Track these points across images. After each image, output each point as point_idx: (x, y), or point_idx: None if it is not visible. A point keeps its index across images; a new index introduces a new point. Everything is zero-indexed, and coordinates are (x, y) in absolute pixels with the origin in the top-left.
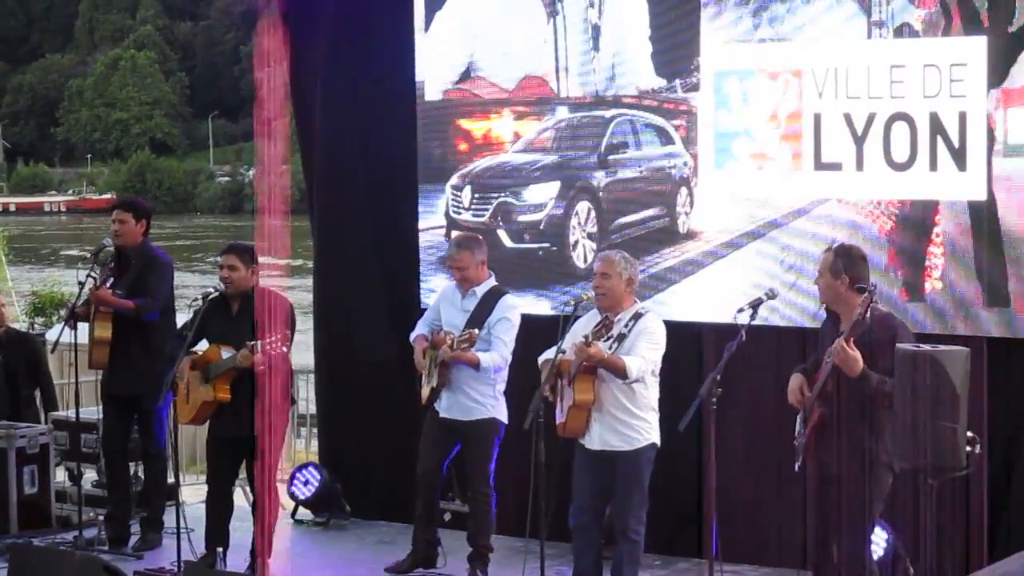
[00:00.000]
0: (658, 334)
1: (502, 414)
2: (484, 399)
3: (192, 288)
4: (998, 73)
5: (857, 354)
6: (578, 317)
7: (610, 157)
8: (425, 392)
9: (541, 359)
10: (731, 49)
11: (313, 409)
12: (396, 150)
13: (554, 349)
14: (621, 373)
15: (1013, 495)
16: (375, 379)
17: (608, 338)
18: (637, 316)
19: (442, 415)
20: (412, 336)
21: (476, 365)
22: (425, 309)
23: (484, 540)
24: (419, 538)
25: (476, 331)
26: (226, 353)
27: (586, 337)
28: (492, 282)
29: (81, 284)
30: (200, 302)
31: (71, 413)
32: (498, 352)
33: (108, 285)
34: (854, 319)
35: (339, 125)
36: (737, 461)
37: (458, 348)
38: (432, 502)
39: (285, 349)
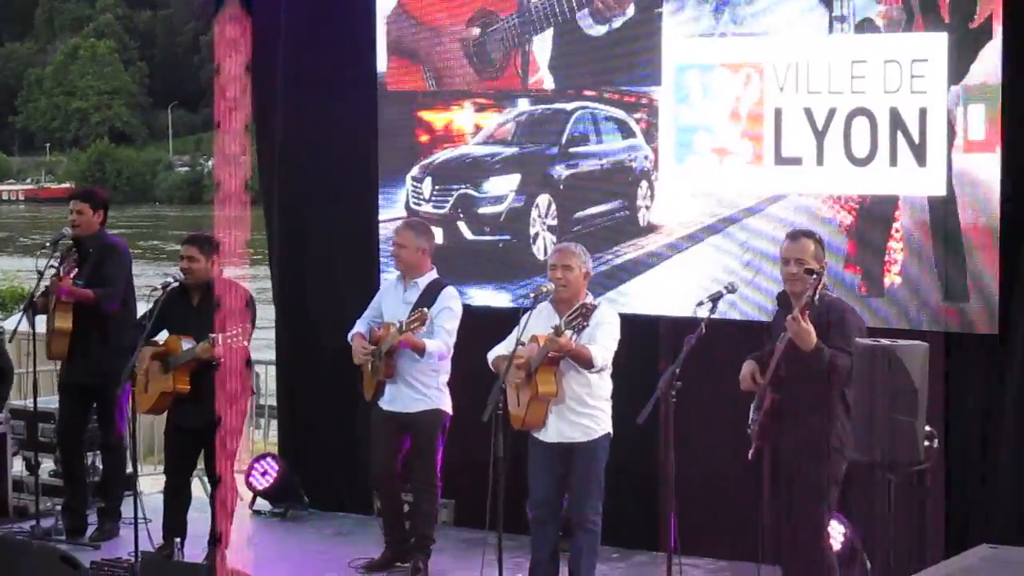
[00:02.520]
0: (615, 325)
1: (446, 405)
2: (428, 390)
3: (150, 277)
4: (959, 69)
5: (811, 327)
6: (533, 310)
7: (571, 150)
8: (369, 388)
9: (491, 355)
10: (692, 43)
11: (272, 400)
12: (357, 141)
13: (504, 344)
14: (587, 363)
15: (970, 490)
16: (335, 371)
17: (575, 328)
18: (593, 308)
19: (386, 408)
20: (350, 335)
21: (421, 351)
22: None
23: (428, 531)
24: (392, 539)
25: (425, 310)
26: (186, 344)
27: (557, 327)
28: (434, 274)
29: (40, 273)
30: (160, 292)
31: (29, 402)
32: (441, 340)
33: (71, 274)
34: (804, 300)
35: (298, 115)
36: (695, 454)
37: (408, 329)
38: (395, 503)
39: (245, 342)
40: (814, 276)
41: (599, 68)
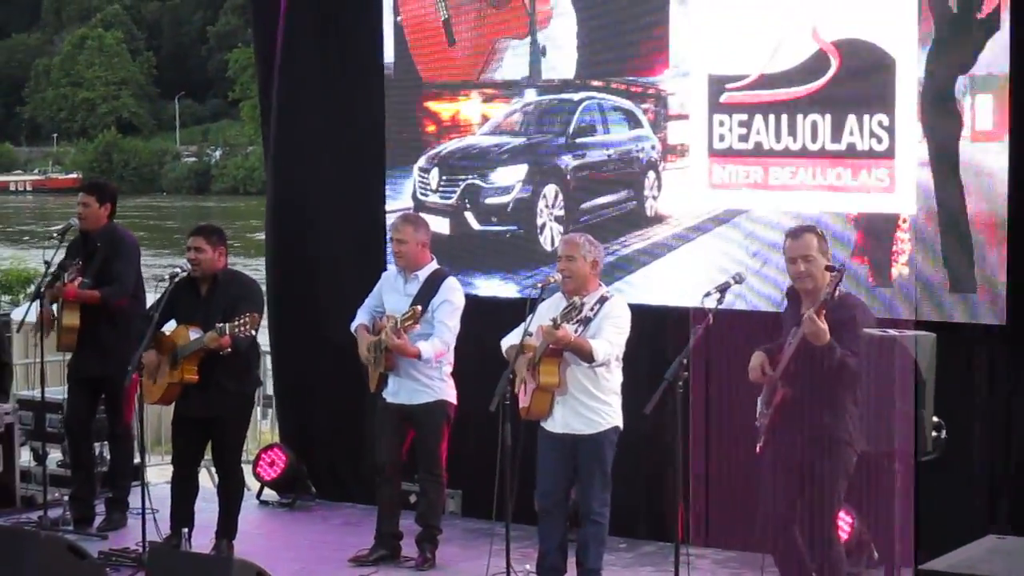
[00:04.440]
0: (623, 318)
1: (451, 395)
2: (431, 382)
3: (158, 268)
4: (966, 59)
5: (825, 326)
6: (543, 300)
7: (578, 140)
8: (373, 380)
9: (504, 343)
10: (699, 35)
11: None
12: (364, 131)
13: (517, 332)
14: (587, 357)
15: (977, 480)
16: (340, 361)
17: (575, 321)
18: (603, 300)
19: (390, 400)
20: (353, 326)
21: (417, 357)
22: None
23: (435, 521)
24: (383, 532)
25: (419, 307)
26: (194, 334)
27: (554, 320)
28: (434, 265)
29: (48, 263)
30: (168, 283)
31: (36, 393)
32: (439, 337)
33: (76, 281)
34: (822, 298)
35: (306, 106)
36: (703, 444)
37: (402, 326)
38: (395, 494)
39: (254, 332)
40: (834, 272)
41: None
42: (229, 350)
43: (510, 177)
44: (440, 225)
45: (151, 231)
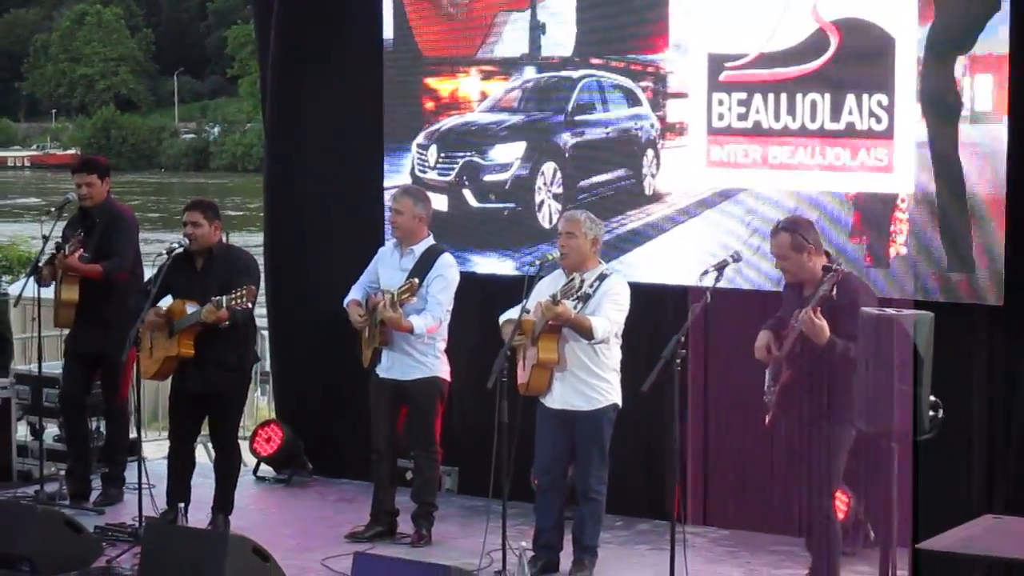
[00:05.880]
0: (623, 296)
1: (444, 372)
2: (425, 358)
3: (154, 243)
4: (966, 40)
5: (824, 323)
6: (542, 277)
7: (577, 118)
8: (367, 355)
9: (503, 319)
10: (697, 16)
11: None
12: (363, 107)
13: (517, 309)
14: (587, 333)
15: (973, 460)
16: (336, 337)
17: (574, 297)
18: (602, 277)
19: (383, 376)
20: (345, 301)
21: (410, 331)
22: None
23: (430, 498)
24: (379, 508)
25: (416, 280)
26: (190, 308)
27: (554, 296)
28: (430, 241)
29: (45, 238)
30: (165, 257)
31: (33, 367)
32: (431, 313)
33: (77, 253)
34: (820, 293)
35: (304, 82)
36: (701, 423)
37: (399, 299)
38: (392, 470)
39: (250, 305)
40: (831, 273)
41: None
42: (227, 324)
43: (509, 154)
44: (438, 202)
45: (149, 207)
